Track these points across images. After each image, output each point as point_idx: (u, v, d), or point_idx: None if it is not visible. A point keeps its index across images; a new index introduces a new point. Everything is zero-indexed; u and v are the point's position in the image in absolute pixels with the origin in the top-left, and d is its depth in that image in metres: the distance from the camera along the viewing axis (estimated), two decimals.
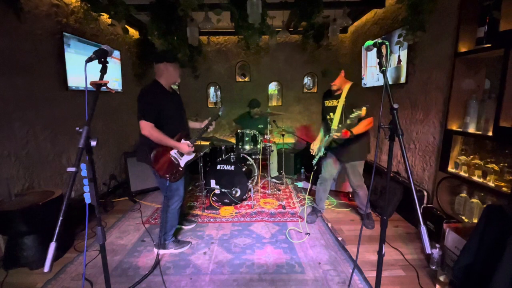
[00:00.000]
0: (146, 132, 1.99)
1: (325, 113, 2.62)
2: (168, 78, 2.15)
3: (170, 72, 2.13)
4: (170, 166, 2.14)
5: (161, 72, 2.12)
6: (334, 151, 2.60)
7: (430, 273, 2.01)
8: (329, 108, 2.55)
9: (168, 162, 2.14)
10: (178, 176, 2.19)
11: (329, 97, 2.56)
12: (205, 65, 5.04)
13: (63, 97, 2.87)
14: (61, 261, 2.22)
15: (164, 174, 2.11)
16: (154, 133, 2.00)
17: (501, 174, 1.92)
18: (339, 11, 3.50)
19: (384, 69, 1.22)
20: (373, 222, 2.77)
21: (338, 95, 2.47)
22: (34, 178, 2.54)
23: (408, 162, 1.08)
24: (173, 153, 2.17)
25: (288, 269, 2.09)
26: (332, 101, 2.53)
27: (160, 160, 2.11)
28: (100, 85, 1.10)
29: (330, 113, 2.54)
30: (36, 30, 2.58)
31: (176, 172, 2.17)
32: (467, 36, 2.16)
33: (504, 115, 1.80)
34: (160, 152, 2.11)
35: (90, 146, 1.00)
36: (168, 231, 2.29)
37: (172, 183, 2.17)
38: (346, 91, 2.41)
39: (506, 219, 1.45)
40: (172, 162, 2.16)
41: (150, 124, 1.98)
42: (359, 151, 2.50)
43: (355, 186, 2.65)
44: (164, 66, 2.10)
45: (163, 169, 2.11)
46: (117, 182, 3.83)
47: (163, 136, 2.03)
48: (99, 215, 1.10)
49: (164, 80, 2.14)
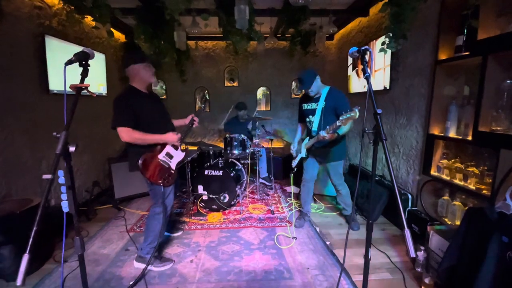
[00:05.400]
0: (126, 137, 1.88)
1: (304, 116, 2.67)
2: (141, 80, 2.03)
3: (141, 74, 2.01)
4: (161, 171, 2.05)
5: (132, 76, 2.02)
6: (313, 153, 2.67)
7: (416, 275, 2.04)
8: (308, 111, 2.61)
9: (158, 167, 2.04)
10: (171, 180, 2.10)
11: (308, 100, 2.60)
12: (193, 69, 5.02)
13: (44, 101, 2.77)
14: (40, 273, 2.11)
15: (156, 180, 2.02)
16: (134, 135, 1.90)
17: (481, 177, 1.99)
18: (325, 19, 3.58)
19: (368, 75, 1.25)
20: (358, 224, 2.83)
21: (317, 98, 2.52)
22: (11, 185, 2.42)
23: (391, 167, 1.09)
24: (161, 157, 2.06)
25: (276, 275, 2.07)
26: (311, 104, 2.57)
27: (150, 167, 2.00)
28: (80, 89, 1.07)
29: (310, 115, 2.59)
30: (17, 33, 2.49)
31: (168, 175, 2.08)
32: (447, 44, 2.24)
33: (483, 120, 1.87)
34: (149, 158, 2.01)
35: (68, 152, 0.95)
36: (154, 241, 2.14)
37: (166, 188, 2.08)
38: (325, 94, 2.48)
39: (487, 221, 1.49)
40: (162, 166, 2.06)
41: (127, 128, 1.88)
42: (338, 151, 2.59)
43: (337, 185, 2.74)
44: (133, 69, 1.99)
45: (154, 176, 2.02)
46: (101, 189, 3.71)
47: (145, 135, 1.93)
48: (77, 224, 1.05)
49: (137, 83, 2.04)
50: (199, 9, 3.03)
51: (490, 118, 1.87)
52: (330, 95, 2.48)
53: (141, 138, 1.93)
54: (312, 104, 2.56)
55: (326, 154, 2.60)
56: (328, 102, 2.46)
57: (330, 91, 2.49)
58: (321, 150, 2.59)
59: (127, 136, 1.89)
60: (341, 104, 2.42)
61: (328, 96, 2.47)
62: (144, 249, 2.15)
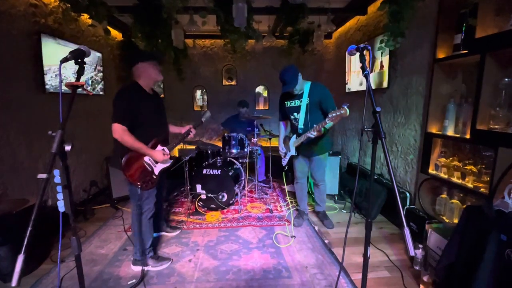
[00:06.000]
0: (117, 135, 1.85)
1: (288, 114, 2.64)
2: (147, 78, 2.02)
3: (148, 72, 1.99)
4: (142, 173, 2.00)
5: (138, 74, 2.00)
6: (301, 148, 2.65)
7: (414, 273, 2.05)
8: (292, 109, 2.58)
9: (141, 169, 1.99)
10: (150, 184, 2.03)
11: (290, 97, 2.58)
12: (191, 68, 5.00)
13: (40, 100, 2.75)
14: (37, 273, 2.10)
15: (135, 182, 1.96)
16: (126, 137, 1.86)
17: (479, 175, 1.99)
18: (323, 17, 3.57)
19: (367, 73, 1.24)
20: (331, 222, 2.84)
21: (300, 94, 2.50)
22: (7, 185, 2.39)
23: (390, 165, 1.09)
24: (147, 160, 2.02)
25: (275, 274, 2.07)
26: (294, 101, 2.56)
27: (132, 166, 1.96)
28: (76, 87, 1.05)
29: (294, 113, 2.57)
30: (12, 31, 2.46)
31: (149, 180, 2.02)
32: (445, 43, 2.24)
33: (481, 119, 1.87)
34: (133, 158, 1.97)
35: (64, 151, 0.94)
36: (144, 243, 2.13)
37: (144, 191, 2.03)
38: (308, 90, 2.46)
39: (485, 219, 1.49)
40: (145, 169, 2.01)
41: (122, 127, 1.85)
42: (323, 145, 2.60)
43: (318, 180, 2.75)
44: (141, 67, 1.98)
45: (134, 176, 1.97)
46: (98, 188, 3.69)
47: (135, 142, 1.89)
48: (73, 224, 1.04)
49: (143, 81, 2.02)
50: (197, 7, 3.01)
51: (488, 117, 1.87)
52: (313, 90, 2.46)
53: (129, 142, 1.88)
54: (295, 101, 2.54)
55: (311, 148, 2.60)
56: (312, 97, 2.44)
57: (312, 86, 2.47)
58: (305, 145, 2.59)
59: (119, 135, 1.86)
60: (325, 98, 2.42)
61: (311, 91, 2.45)
62: (137, 252, 2.12)
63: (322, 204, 2.89)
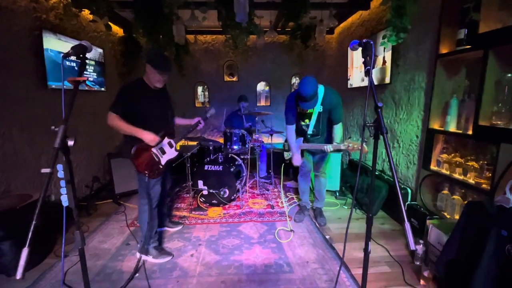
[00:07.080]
0: (110, 122, 1.96)
1: (298, 118, 2.56)
2: (149, 80, 2.10)
3: (151, 75, 2.05)
4: (150, 163, 2.11)
5: (146, 71, 2.08)
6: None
7: (415, 268, 2.06)
8: (304, 115, 2.51)
9: (148, 158, 2.11)
10: (157, 174, 2.15)
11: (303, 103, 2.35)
12: (192, 64, 4.98)
13: (43, 95, 2.75)
14: (41, 267, 2.12)
15: (143, 171, 2.08)
16: (117, 122, 1.95)
17: (481, 171, 1.99)
18: (325, 12, 3.53)
19: (369, 68, 1.23)
20: (324, 219, 2.84)
21: None
22: (11, 181, 2.41)
23: (392, 160, 1.09)
24: (154, 150, 2.13)
25: (276, 269, 2.08)
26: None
27: (141, 156, 2.08)
28: (78, 82, 1.06)
29: (306, 119, 2.53)
30: (13, 27, 2.46)
31: (156, 169, 2.14)
32: (448, 38, 2.22)
33: (483, 114, 1.86)
34: (142, 148, 2.08)
35: (67, 146, 0.95)
36: (149, 232, 2.19)
37: (151, 179, 2.13)
38: (321, 96, 2.36)
39: (486, 215, 1.50)
40: (153, 158, 2.13)
41: (114, 115, 1.95)
42: (329, 141, 2.58)
43: (320, 172, 2.76)
44: (147, 67, 2.05)
45: (142, 165, 2.08)
46: (101, 184, 3.71)
47: (126, 125, 1.97)
48: (77, 218, 1.05)
49: (147, 80, 2.11)
50: (198, 2, 3.00)
51: (491, 112, 1.86)
52: (326, 98, 2.37)
53: (121, 126, 1.97)
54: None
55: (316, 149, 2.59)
56: (325, 105, 2.39)
57: (326, 93, 2.37)
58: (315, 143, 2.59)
59: (111, 121, 1.96)
60: (335, 108, 2.38)
61: (325, 99, 2.37)
62: (143, 241, 2.19)
63: (320, 200, 2.89)
